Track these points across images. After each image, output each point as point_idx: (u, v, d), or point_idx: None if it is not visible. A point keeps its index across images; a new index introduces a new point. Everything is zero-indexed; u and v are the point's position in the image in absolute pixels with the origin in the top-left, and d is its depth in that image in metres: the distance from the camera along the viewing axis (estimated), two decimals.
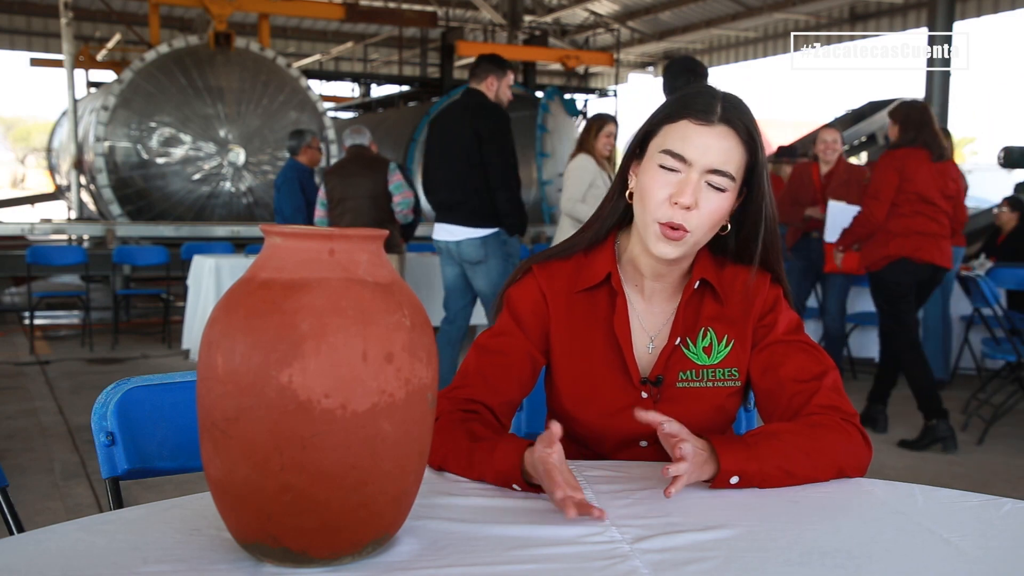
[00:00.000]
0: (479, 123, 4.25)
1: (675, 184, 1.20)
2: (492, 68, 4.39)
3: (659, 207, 1.21)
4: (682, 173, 1.20)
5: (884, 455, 4.03)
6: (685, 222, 1.19)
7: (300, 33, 18.62)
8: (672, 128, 1.22)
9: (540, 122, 11.25)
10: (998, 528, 1.01)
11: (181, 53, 9.49)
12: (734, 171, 1.21)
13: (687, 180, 1.19)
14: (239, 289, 0.86)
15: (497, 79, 4.37)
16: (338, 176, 5.36)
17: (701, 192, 1.20)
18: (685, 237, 1.21)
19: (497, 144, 4.23)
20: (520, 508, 1.04)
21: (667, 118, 1.24)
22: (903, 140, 4.11)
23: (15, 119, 45.54)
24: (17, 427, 4.34)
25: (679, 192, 1.19)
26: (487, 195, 4.23)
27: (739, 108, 1.22)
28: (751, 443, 1.12)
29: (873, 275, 4.24)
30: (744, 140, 1.21)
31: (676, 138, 1.21)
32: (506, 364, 1.29)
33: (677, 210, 1.19)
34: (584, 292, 1.31)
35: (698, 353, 1.28)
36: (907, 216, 4.07)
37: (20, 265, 6.96)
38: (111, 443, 1.25)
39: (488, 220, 4.27)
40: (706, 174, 1.20)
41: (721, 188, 1.20)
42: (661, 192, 1.20)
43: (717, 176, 1.20)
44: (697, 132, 1.20)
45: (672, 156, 1.20)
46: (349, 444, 0.81)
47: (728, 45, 18.26)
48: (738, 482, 1.11)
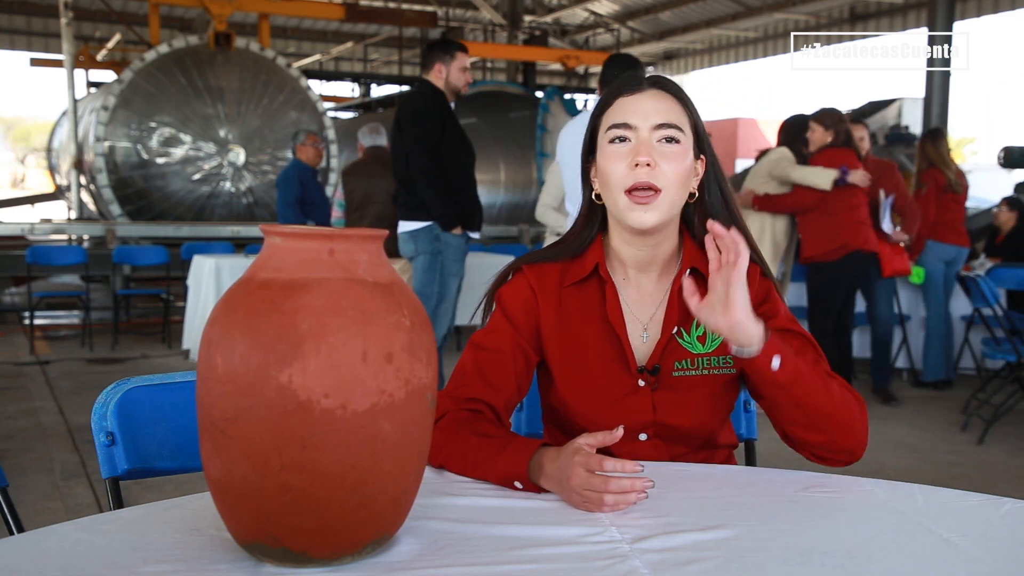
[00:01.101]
0: (401, 110, 4.11)
1: (629, 151, 1.24)
2: (437, 54, 4.15)
3: (622, 177, 1.24)
4: (632, 140, 1.25)
5: (884, 455, 4.03)
6: (652, 179, 1.23)
7: (300, 33, 18.61)
8: (609, 110, 1.28)
9: (540, 122, 11.24)
10: (998, 528, 1.01)
11: (181, 53, 9.48)
12: (678, 122, 1.26)
13: (639, 141, 1.24)
14: (239, 289, 0.86)
15: (444, 64, 4.11)
16: (359, 178, 5.35)
17: (656, 149, 1.24)
18: (657, 198, 1.24)
19: (414, 130, 4.00)
20: (520, 508, 1.04)
21: (603, 107, 1.30)
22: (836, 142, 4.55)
23: (15, 119, 45.55)
24: (17, 427, 4.34)
25: (635, 153, 1.23)
26: (414, 186, 4.06)
27: (665, 79, 1.31)
28: (788, 339, 1.21)
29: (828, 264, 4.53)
30: (677, 97, 1.28)
31: (616, 113, 1.27)
32: (503, 362, 1.29)
33: (640, 171, 1.23)
34: (574, 286, 1.32)
35: (692, 342, 1.29)
36: (856, 208, 4.51)
37: (20, 265, 6.95)
38: (111, 443, 1.25)
39: (417, 213, 4.09)
40: (654, 131, 1.24)
41: (674, 139, 1.25)
42: (620, 163, 1.25)
43: (665, 129, 1.25)
44: (632, 100, 1.26)
45: (617, 127, 1.26)
46: (349, 444, 0.81)
47: (728, 45, 18.25)
48: (778, 367, 1.15)
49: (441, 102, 4.09)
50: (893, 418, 4.78)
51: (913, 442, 4.33)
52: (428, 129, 4.01)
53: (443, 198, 4.02)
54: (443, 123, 4.05)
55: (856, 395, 1.23)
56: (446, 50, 4.15)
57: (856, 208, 4.50)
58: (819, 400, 1.18)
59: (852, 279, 4.61)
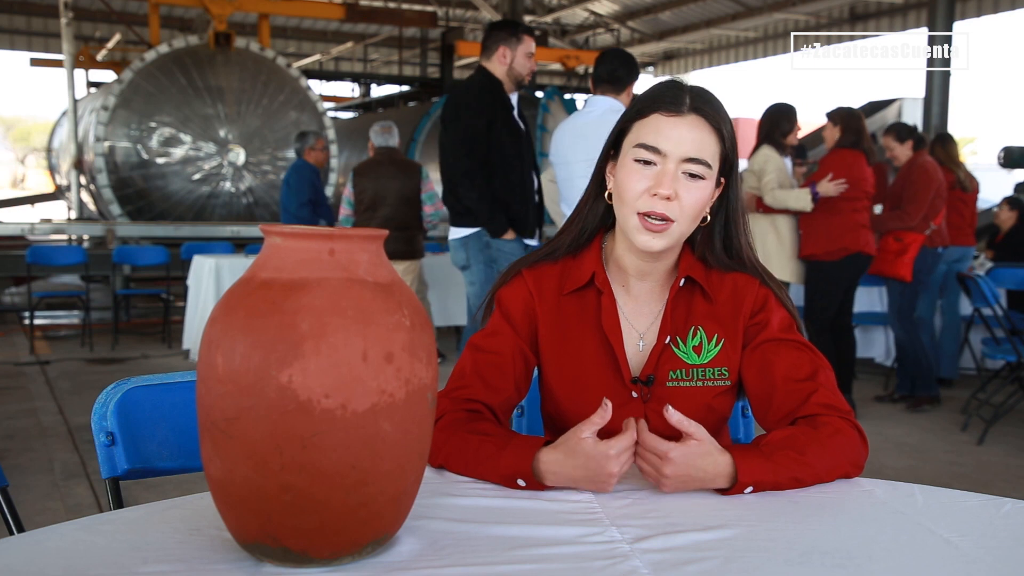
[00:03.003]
0: (446, 104, 3.75)
1: (652, 176, 1.22)
2: (502, 36, 3.71)
3: (638, 199, 1.22)
4: (658, 165, 1.22)
5: (884, 455, 4.03)
6: (667, 211, 1.21)
7: (300, 33, 18.62)
8: (643, 123, 1.24)
9: (540, 122, 11.24)
10: (998, 528, 1.01)
11: (181, 53, 9.48)
12: (710, 159, 1.23)
13: (664, 171, 1.21)
14: (239, 289, 0.86)
15: (510, 48, 3.69)
16: (370, 178, 5.36)
17: (679, 182, 1.22)
18: (669, 228, 1.22)
19: (457, 126, 3.64)
20: (520, 508, 1.04)
21: (638, 114, 1.26)
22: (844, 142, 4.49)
23: (15, 119, 45.53)
24: (17, 427, 4.34)
25: (657, 183, 1.21)
26: (458, 189, 3.70)
27: (708, 99, 1.24)
28: (768, 453, 1.12)
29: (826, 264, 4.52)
30: (715, 129, 1.23)
31: (649, 131, 1.23)
32: (501, 363, 1.29)
33: (657, 201, 1.21)
34: (572, 294, 1.32)
35: (688, 352, 1.28)
36: (858, 212, 4.47)
37: (20, 265, 6.96)
38: (111, 443, 1.25)
39: (465, 218, 3.73)
40: (682, 163, 1.22)
41: (699, 176, 1.22)
42: (639, 185, 1.23)
43: (693, 164, 1.22)
44: (669, 124, 1.22)
45: (646, 149, 1.22)
46: (349, 444, 0.81)
47: (728, 45, 18.25)
48: (752, 491, 1.11)
49: (495, 93, 3.71)
50: (893, 418, 4.78)
51: (913, 442, 4.33)
52: (473, 125, 3.63)
53: (487, 202, 3.64)
54: (492, 118, 3.66)
55: (851, 432, 1.18)
56: (513, 32, 3.73)
57: (858, 211, 4.46)
58: (813, 478, 1.14)
59: (850, 280, 4.59)
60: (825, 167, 4.51)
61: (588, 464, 1.06)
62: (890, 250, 4.74)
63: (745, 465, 1.10)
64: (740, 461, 1.09)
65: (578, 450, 1.07)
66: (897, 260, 4.75)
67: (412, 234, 5.41)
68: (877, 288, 5.72)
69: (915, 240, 4.74)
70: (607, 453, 1.06)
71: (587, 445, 1.06)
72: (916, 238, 4.75)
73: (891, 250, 4.75)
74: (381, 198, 5.30)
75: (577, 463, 1.07)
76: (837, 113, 4.59)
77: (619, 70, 3.67)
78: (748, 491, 1.11)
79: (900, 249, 4.74)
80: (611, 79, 3.67)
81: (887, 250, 4.74)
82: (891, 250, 4.75)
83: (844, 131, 4.50)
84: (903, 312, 4.88)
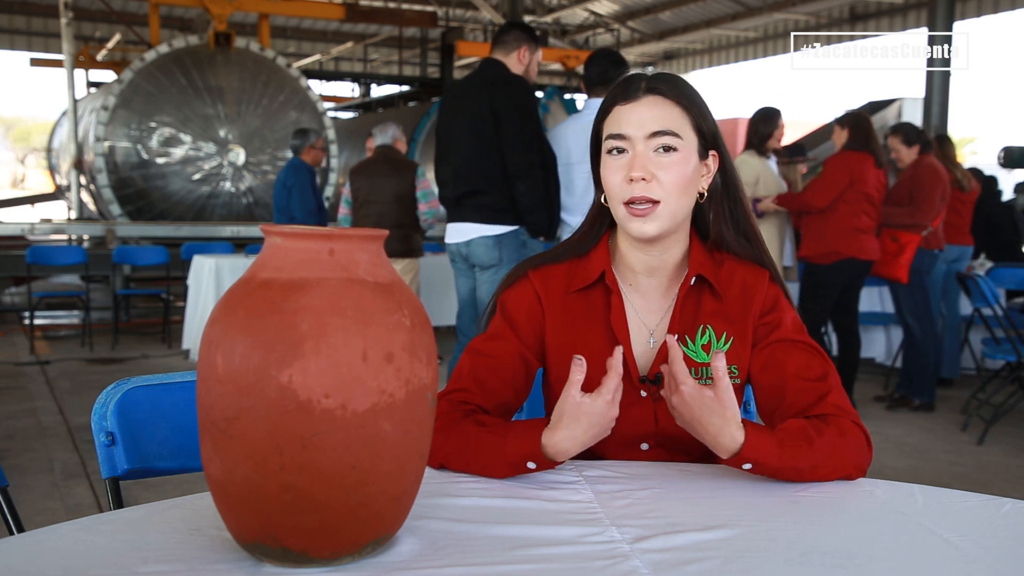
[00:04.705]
0: (498, 99, 3.55)
1: (626, 163, 1.24)
2: (525, 37, 3.68)
3: (619, 189, 1.25)
4: (628, 151, 1.25)
5: (884, 455, 4.03)
6: (648, 192, 1.23)
7: (300, 33, 18.62)
8: (608, 118, 1.28)
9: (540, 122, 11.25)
10: (998, 528, 1.01)
11: (181, 53, 9.48)
12: (675, 128, 1.24)
13: (634, 154, 1.24)
14: (239, 289, 0.86)
15: (530, 51, 3.67)
16: (364, 177, 5.36)
17: (652, 161, 1.23)
18: (656, 209, 1.24)
19: (518, 124, 3.54)
20: (520, 508, 1.04)
21: (603, 113, 1.30)
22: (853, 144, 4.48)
23: (15, 119, 45.54)
24: (17, 427, 4.34)
25: (630, 167, 1.23)
26: (504, 186, 3.56)
27: (664, 79, 1.28)
28: (780, 439, 1.12)
29: (818, 267, 4.53)
30: (676, 101, 1.26)
31: (612, 123, 1.27)
32: (499, 367, 1.29)
33: (635, 185, 1.23)
34: (580, 292, 1.31)
35: (697, 351, 1.28)
36: (857, 216, 4.44)
37: (20, 265, 6.96)
38: (111, 443, 1.25)
39: (504, 216, 3.61)
40: (648, 140, 1.24)
41: (671, 147, 1.24)
42: (616, 176, 1.25)
43: (659, 137, 1.24)
44: (627, 110, 1.26)
45: (613, 138, 1.26)
46: (349, 444, 0.81)
47: (728, 45, 18.26)
48: (750, 469, 1.11)
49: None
50: (893, 418, 4.78)
51: (913, 442, 4.33)
52: (535, 123, 3.58)
53: (544, 202, 3.58)
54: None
55: (860, 436, 1.18)
56: (533, 37, 3.71)
57: (857, 215, 4.42)
58: (814, 474, 1.14)
59: (843, 285, 4.56)
60: (826, 167, 4.52)
61: (592, 421, 1.09)
62: (887, 251, 4.74)
63: (754, 439, 1.10)
64: (751, 435, 1.10)
65: (579, 414, 1.08)
66: (893, 261, 4.75)
67: (407, 232, 5.40)
68: (877, 288, 5.72)
69: (911, 241, 4.73)
70: (605, 400, 1.08)
71: (586, 405, 1.08)
72: (912, 239, 4.73)
73: (888, 251, 4.75)
74: (374, 196, 5.29)
75: (583, 427, 1.09)
76: (845, 116, 4.60)
77: (610, 71, 3.68)
78: (746, 467, 1.11)
79: (896, 250, 4.74)
80: (603, 80, 3.69)
81: (884, 251, 4.74)
82: (888, 251, 4.75)
83: (852, 133, 4.50)
84: (920, 310, 4.87)
